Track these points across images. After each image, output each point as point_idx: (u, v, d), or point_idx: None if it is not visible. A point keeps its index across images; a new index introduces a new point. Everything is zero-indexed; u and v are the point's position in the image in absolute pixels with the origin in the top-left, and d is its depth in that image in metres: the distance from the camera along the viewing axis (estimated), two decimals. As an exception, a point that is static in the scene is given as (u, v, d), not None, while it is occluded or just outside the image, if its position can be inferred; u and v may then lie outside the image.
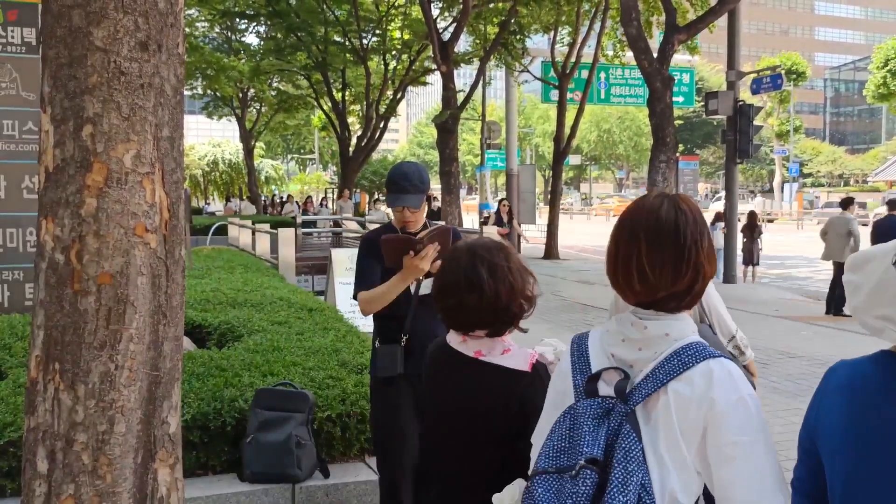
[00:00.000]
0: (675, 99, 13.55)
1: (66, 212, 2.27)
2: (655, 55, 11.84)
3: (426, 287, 3.24)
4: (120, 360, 2.29)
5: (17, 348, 4.86)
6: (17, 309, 5.94)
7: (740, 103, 13.63)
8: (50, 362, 2.29)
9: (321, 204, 36.49)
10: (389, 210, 3.41)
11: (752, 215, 16.27)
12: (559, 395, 1.71)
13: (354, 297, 3.32)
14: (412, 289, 3.23)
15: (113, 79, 2.25)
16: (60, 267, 2.28)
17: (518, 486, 1.71)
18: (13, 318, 5.59)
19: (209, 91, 30.62)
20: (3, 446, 3.54)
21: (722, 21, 13.75)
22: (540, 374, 2.20)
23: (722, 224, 14.50)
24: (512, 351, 2.28)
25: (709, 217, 14.62)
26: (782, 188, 58.43)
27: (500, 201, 14.69)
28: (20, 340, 5.01)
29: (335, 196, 33.26)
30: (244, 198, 37.25)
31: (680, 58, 24.36)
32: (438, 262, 3.13)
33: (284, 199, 35.64)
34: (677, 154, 12.44)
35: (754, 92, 15.81)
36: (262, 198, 46.90)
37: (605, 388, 1.58)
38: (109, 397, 2.27)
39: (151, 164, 2.33)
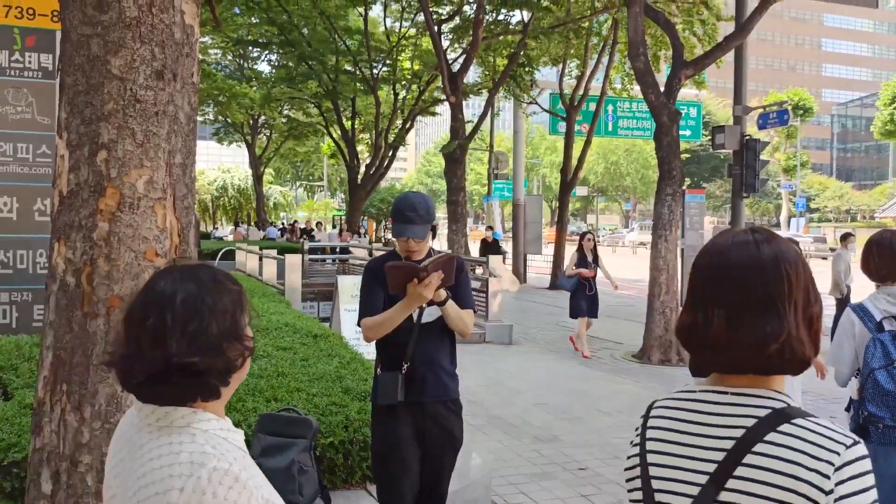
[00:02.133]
0: (682, 132, 13.63)
1: (79, 235, 2.31)
2: (662, 89, 11.93)
3: (429, 315, 3.26)
4: (127, 382, 2.31)
5: (24, 369, 4.89)
6: (24, 330, 5.97)
7: (747, 138, 13.68)
8: (57, 383, 2.32)
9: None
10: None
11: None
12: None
13: (358, 324, 3.34)
14: (414, 316, 3.24)
15: (128, 106, 2.31)
16: (71, 289, 2.32)
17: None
18: (20, 338, 5.62)
19: (220, 117, 30.90)
20: (6, 467, 3.56)
21: (729, 56, 13.85)
22: None
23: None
24: None
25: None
26: (789, 223, 58.38)
27: (582, 235, 11.83)
28: (27, 361, 5.04)
29: (341, 223, 33.37)
30: (252, 223, 37.34)
31: (687, 92, 24.50)
32: (442, 291, 3.15)
33: (303, 226, 34.18)
34: (684, 187, 12.46)
35: (761, 127, 15.87)
36: (281, 223, 47.05)
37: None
38: (115, 419, 2.30)
39: (163, 190, 2.37)
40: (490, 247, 20.12)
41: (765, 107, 15.85)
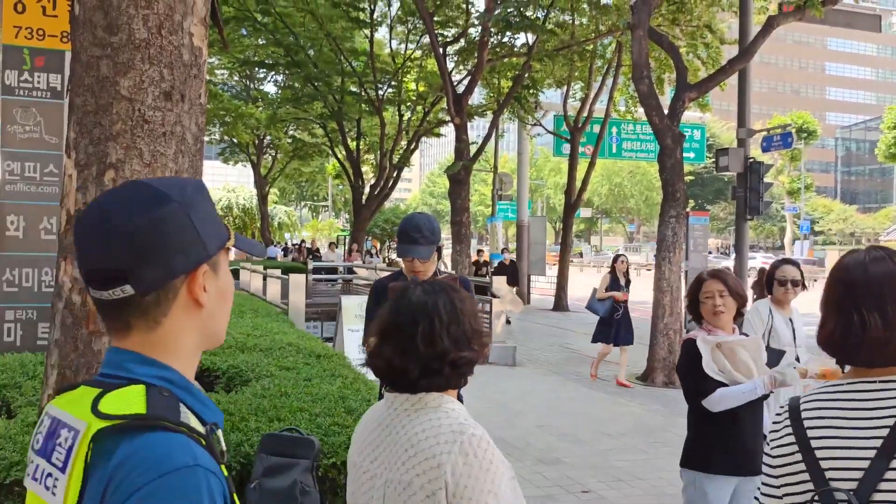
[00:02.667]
0: (685, 155, 13.67)
1: (86, 254, 2.33)
2: (666, 112, 11.99)
3: None
4: (131, 400, 2.32)
5: (28, 387, 4.89)
6: (28, 348, 5.99)
7: (751, 160, 13.71)
8: (62, 401, 2.33)
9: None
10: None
11: (762, 273, 16.22)
12: None
13: (363, 344, 3.34)
14: None
15: (136, 126, 2.34)
16: (77, 308, 2.34)
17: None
18: (24, 356, 5.63)
19: (226, 137, 31.07)
20: (8, 485, 3.55)
21: (733, 79, 13.93)
22: None
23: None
24: None
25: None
26: (793, 245, 58.33)
27: (615, 257, 11.38)
28: (31, 379, 5.04)
29: (346, 244, 33.39)
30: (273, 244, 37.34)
31: (691, 114, 24.60)
32: None
33: (310, 246, 32.99)
34: (688, 209, 12.49)
35: (765, 150, 15.90)
36: (286, 242, 47.06)
37: None
38: (119, 437, 2.30)
39: (170, 210, 2.39)
40: (506, 269, 19.79)
41: (769, 129, 15.90)
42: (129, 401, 1.10)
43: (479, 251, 22.62)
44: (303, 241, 38.94)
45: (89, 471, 1.06)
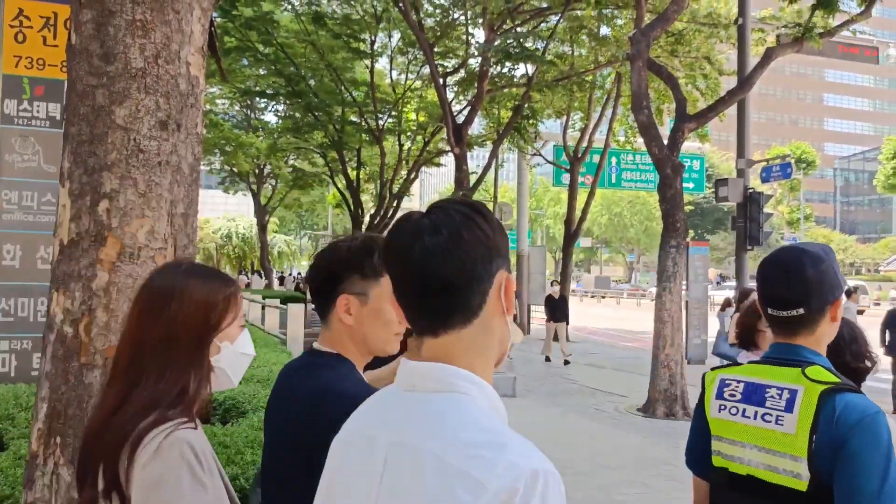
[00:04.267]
0: (685, 185, 13.69)
1: (78, 285, 2.29)
2: (666, 142, 12.01)
3: None
4: (122, 435, 2.27)
5: (21, 419, 4.82)
6: (23, 379, 5.92)
7: (750, 191, 13.73)
8: (52, 436, 2.28)
9: None
10: None
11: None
12: None
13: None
14: None
15: (131, 156, 2.31)
16: (69, 339, 2.29)
17: None
18: (18, 387, 5.56)
19: (227, 166, 31.16)
20: (-2, 520, 3.48)
21: (732, 110, 13.99)
22: None
23: (732, 310, 14.41)
24: None
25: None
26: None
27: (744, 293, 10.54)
28: (24, 411, 4.97)
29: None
30: (255, 271, 37.28)
31: (690, 145, 24.70)
32: None
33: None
34: (688, 239, 12.47)
35: (764, 180, 15.95)
36: (296, 273, 46.91)
37: None
38: (109, 474, 2.25)
39: (164, 240, 2.36)
40: (555, 303, 17.33)
41: (768, 160, 15.94)
42: (821, 374, 1.83)
43: (553, 283, 19.95)
44: (300, 273, 38.80)
45: (819, 410, 1.76)
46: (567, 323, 17.75)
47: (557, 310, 17.19)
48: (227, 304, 1.72)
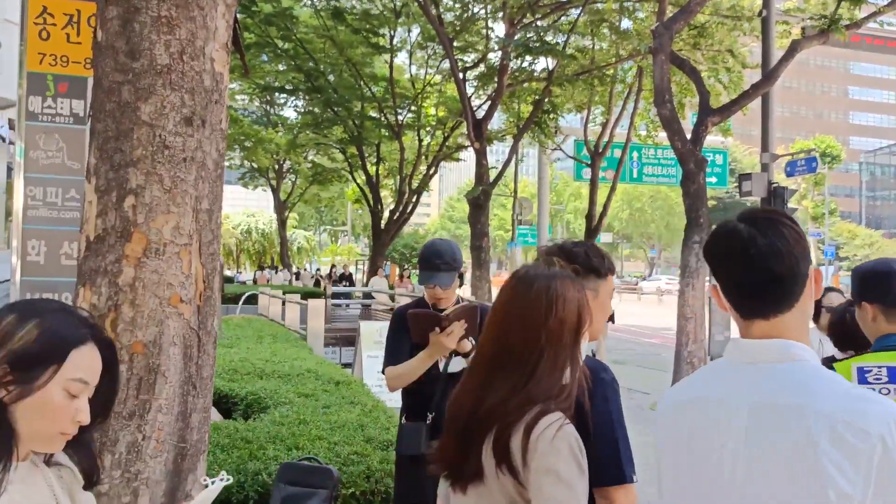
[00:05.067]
0: (708, 180, 13.57)
1: (104, 280, 2.30)
2: (689, 136, 11.92)
3: (455, 365, 3.20)
4: (148, 430, 2.27)
5: (46, 413, 4.87)
6: (48, 373, 5.97)
7: (774, 185, 13.59)
8: (78, 431, 2.29)
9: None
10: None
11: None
12: None
13: (382, 371, 3.29)
14: (441, 366, 3.19)
15: (157, 152, 2.31)
16: (95, 335, 2.30)
17: None
18: (44, 382, 5.62)
19: (246, 162, 31.30)
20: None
21: (755, 103, 13.85)
22: None
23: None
24: None
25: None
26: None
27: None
28: (49, 405, 5.02)
29: (366, 269, 33.42)
30: (279, 268, 37.43)
31: (713, 139, 24.48)
32: (467, 342, 3.09)
33: (343, 271, 31.72)
34: (710, 235, 12.38)
35: (789, 174, 15.78)
36: (316, 269, 47.05)
37: None
38: (135, 468, 2.25)
39: (189, 236, 2.36)
40: None
41: (792, 154, 15.77)
42: None
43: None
44: (333, 265, 38.68)
45: None
46: (612, 321, 16.44)
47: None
48: (588, 303, 1.97)
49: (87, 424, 1.43)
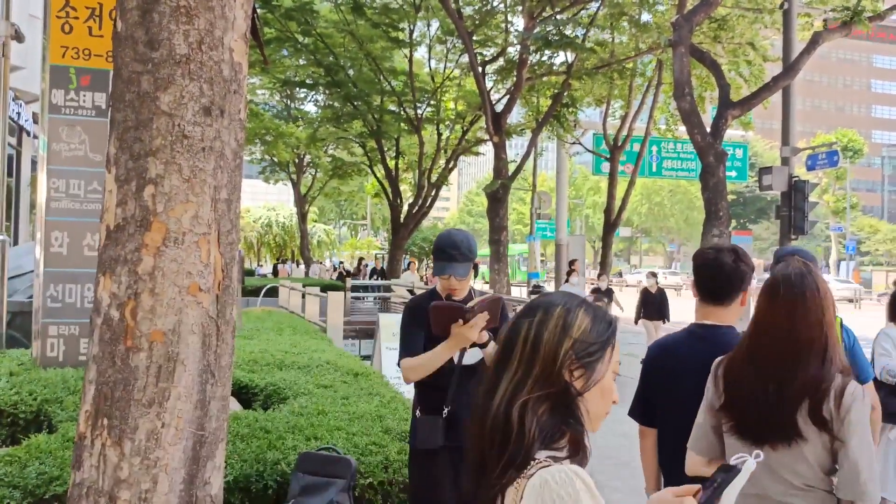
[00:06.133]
0: (728, 173, 13.46)
1: (124, 269, 2.32)
2: (708, 130, 11.82)
3: (470, 357, 3.19)
4: (167, 417, 2.30)
5: (69, 402, 4.93)
6: (71, 363, 6.05)
7: (795, 179, 13.46)
8: (99, 418, 2.31)
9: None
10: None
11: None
12: None
13: (398, 364, 3.27)
14: (455, 358, 3.17)
15: (176, 142, 2.33)
16: (115, 323, 2.32)
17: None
18: (66, 371, 5.69)
19: (267, 156, 31.41)
20: (47, 500, 3.56)
21: (776, 97, 13.73)
22: None
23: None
24: None
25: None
26: (838, 266, 57.14)
27: None
28: (72, 394, 5.08)
29: (385, 260, 33.46)
30: (313, 261, 37.55)
31: (733, 133, 24.30)
32: (485, 332, 3.08)
33: (373, 265, 30.63)
34: (730, 229, 12.28)
35: (810, 168, 15.63)
36: (339, 262, 47.16)
37: None
38: (155, 455, 2.28)
39: (208, 225, 2.37)
40: (653, 299, 14.77)
41: (814, 148, 15.61)
42: None
43: (601, 276, 17.38)
44: (361, 258, 38.61)
45: None
46: (665, 320, 14.62)
47: (653, 305, 14.64)
48: None
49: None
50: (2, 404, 4.96)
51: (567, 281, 14.76)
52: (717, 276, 2.83)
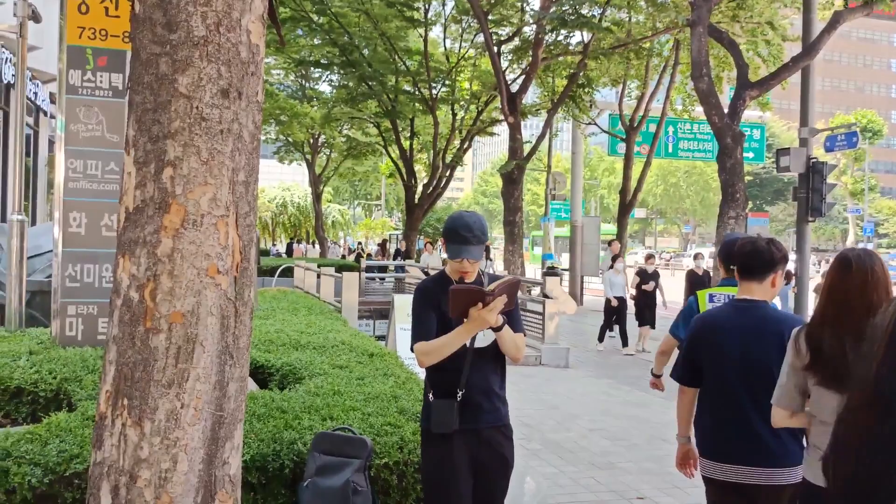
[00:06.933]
0: (745, 155, 13.35)
1: (143, 251, 2.33)
2: (726, 110, 11.72)
3: (483, 340, 3.18)
4: (186, 398, 2.32)
5: (88, 381, 4.98)
6: (89, 342, 6.10)
7: (813, 160, 13.34)
8: (119, 398, 2.34)
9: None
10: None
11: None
12: None
13: (412, 349, 3.23)
14: (468, 341, 3.15)
15: (194, 124, 2.33)
16: (134, 304, 2.34)
17: None
18: (85, 351, 5.74)
19: (282, 136, 31.44)
20: (68, 477, 3.61)
21: (794, 77, 13.57)
22: None
23: (793, 284, 14.09)
24: None
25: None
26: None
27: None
28: (91, 374, 5.13)
29: (399, 240, 33.50)
30: (319, 242, 37.61)
31: (750, 113, 24.06)
32: (500, 315, 3.07)
33: (399, 247, 29.60)
34: (747, 210, 12.20)
35: (828, 149, 15.47)
36: (358, 243, 47.20)
37: None
38: (174, 435, 2.30)
39: (226, 208, 2.38)
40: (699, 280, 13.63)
41: (832, 129, 15.44)
42: None
43: (650, 256, 15.70)
44: (385, 240, 38.49)
45: None
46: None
47: (701, 286, 14.21)
48: None
49: None
50: (22, 382, 5.02)
51: (612, 267, 14.60)
52: (754, 257, 3.37)
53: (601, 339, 14.55)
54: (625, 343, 14.02)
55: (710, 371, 3.43)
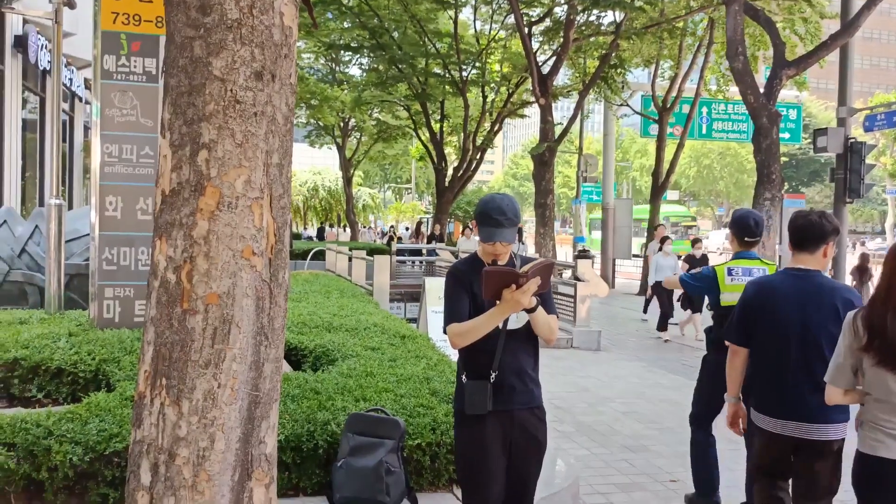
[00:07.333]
0: (781, 135, 13.14)
1: (180, 233, 2.36)
2: (762, 90, 11.53)
3: (515, 321, 3.17)
4: (223, 378, 2.35)
5: (126, 362, 5.07)
6: (126, 324, 6.21)
7: (852, 140, 13.09)
8: (157, 378, 2.37)
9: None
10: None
11: (863, 257, 15.55)
12: None
13: (444, 331, 3.24)
14: (500, 323, 3.15)
15: (229, 107, 2.35)
16: (171, 286, 2.37)
17: None
18: (122, 332, 5.85)
19: (312, 120, 31.52)
20: (108, 456, 3.69)
21: (832, 56, 13.30)
22: None
23: (829, 266, 13.85)
24: None
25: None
26: (895, 230, 55.68)
27: None
28: (128, 354, 5.23)
29: (430, 224, 33.51)
30: (365, 226, 37.35)
31: (787, 93, 23.65)
32: (533, 297, 3.06)
33: (432, 231, 28.35)
34: (783, 192, 12.01)
35: (867, 129, 15.16)
36: (390, 226, 47.22)
37: None
38: (212, 415, 2.33)
39: (261, 190, 2.40)
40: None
41: (871, 108, 15.13)
42: None
43: (696, 240, 14.60)
44: (419, 222, 38.43)
45: None
46: None
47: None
48: None
49: None
50: (62, 363, 5.12)
51: (660, 250, 14.22)
52: (807, 229, 3.57)
53: (664, 327, 13.46)
54: (664, 328, 13.51)
55: (766, 333, 3.62)
